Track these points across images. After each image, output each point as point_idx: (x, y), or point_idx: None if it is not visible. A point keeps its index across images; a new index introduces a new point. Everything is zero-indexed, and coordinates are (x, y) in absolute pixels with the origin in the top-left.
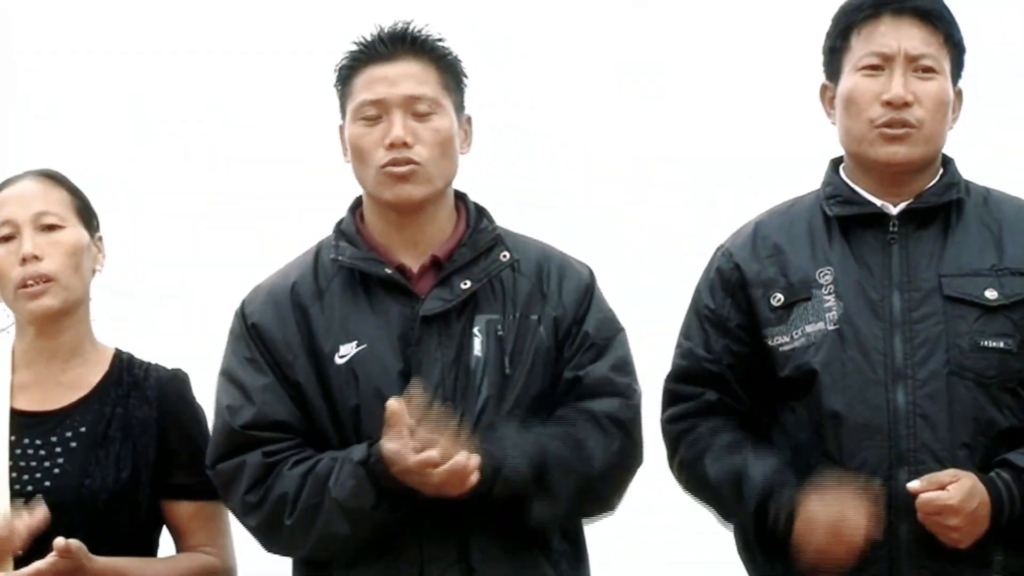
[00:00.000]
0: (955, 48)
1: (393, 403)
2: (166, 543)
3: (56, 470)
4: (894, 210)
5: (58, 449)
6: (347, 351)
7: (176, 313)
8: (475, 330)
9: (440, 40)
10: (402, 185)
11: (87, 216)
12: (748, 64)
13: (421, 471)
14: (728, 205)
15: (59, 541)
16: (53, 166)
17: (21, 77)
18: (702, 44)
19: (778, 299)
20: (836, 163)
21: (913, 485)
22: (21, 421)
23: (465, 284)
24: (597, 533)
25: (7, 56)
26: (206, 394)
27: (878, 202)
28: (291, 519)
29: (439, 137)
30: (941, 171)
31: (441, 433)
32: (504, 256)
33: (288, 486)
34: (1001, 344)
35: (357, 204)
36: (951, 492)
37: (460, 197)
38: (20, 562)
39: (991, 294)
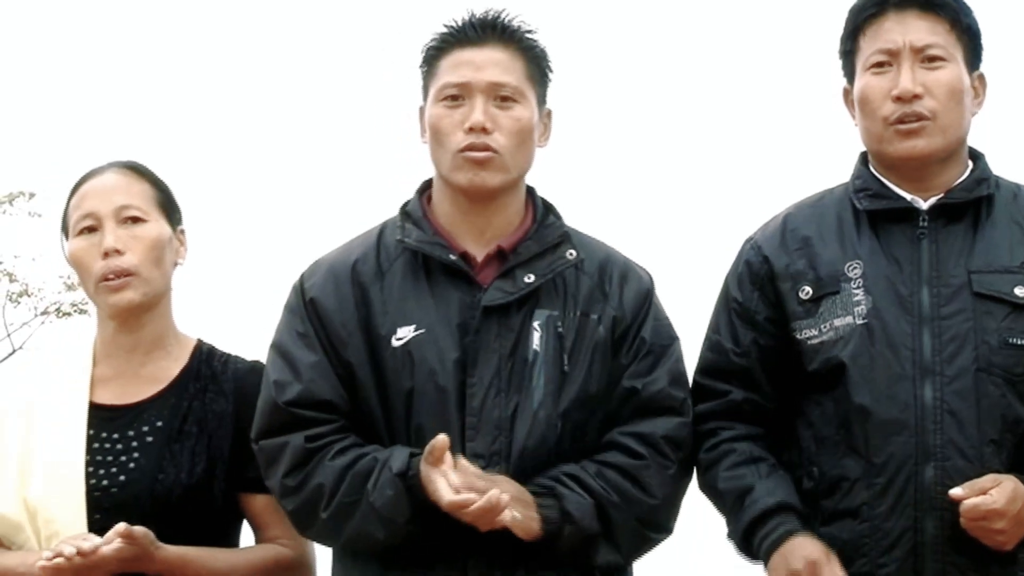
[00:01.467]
0: (966, 33)
1: (442, 437)
2: (248, 538)
3: (131, 464)
4: (924, 204)
5: (134, 444)
6: (405, 334)
7: (176, 312)
8: (535, 325)
9: (530, 31)
10: (478, 171)
11: (169, 209)
12: (749, 65)
13: (453, 512)
14: (730, 205)
15: (120, 525)
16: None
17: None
18: (702, 44)
19: (807, 292)
20: (865, 156)
21: (956, 492)
22: (99, 415)
23: (529, 278)
24: None
25: None
26: None
27: (908, 196)
28: (327, 512)
29: (519, 126)
30: (971, 165)
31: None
32: (571, 254)
33: (327, 478)
34: None
35: (425, 187)
36: (995, 496)
37: (528, 191)
38: None
39: (1021, 291)
